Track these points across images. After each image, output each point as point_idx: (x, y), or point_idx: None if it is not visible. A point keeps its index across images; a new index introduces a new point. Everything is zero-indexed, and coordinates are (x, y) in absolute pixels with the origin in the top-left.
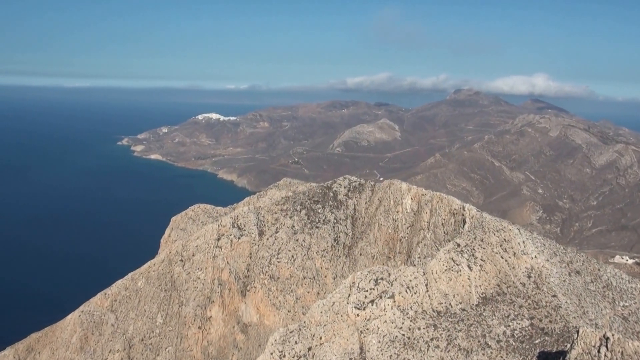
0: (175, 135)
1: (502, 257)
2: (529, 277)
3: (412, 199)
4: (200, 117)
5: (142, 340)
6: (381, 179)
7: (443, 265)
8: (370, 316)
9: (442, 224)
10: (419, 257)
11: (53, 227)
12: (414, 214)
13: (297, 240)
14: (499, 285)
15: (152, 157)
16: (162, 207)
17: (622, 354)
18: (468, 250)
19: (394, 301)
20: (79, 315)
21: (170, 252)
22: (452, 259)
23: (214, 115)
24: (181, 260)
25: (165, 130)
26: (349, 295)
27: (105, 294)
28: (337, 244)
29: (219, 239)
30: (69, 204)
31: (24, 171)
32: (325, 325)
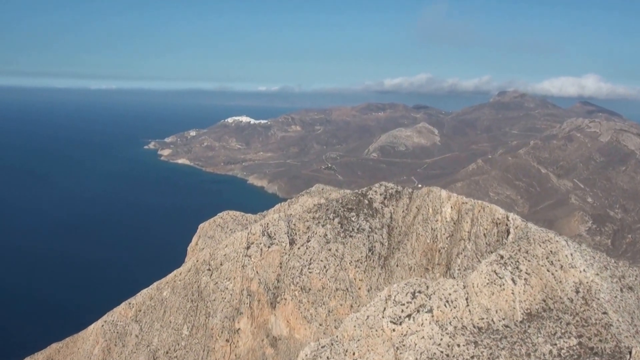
0: (203, 139)
1: (548, 271)
2: (577, 292)
3: (452, 207)
4: (229, 120)
5: (167, 352)
6: (419, 186)
7: (485, 278)
8: (406, 331)
9: (484, 234)
10: (459, 269)
11: (76, 234)
12: (454, 223)
13: (330, 249)
14: (544, 301)
15: (180, 161)
16: (189, 213)
17: None
18: (512, 262)
19: (432, 316)
20: (102, 326)
21: (197, 261)
22: (494, 271)
23: (244, 118)
24: (209, 270)
25: (193, 133)
26: (385, 308)
27: (130, 303)
28: (372, 254)
29: (248, 248)
30: (93, 209)
31: (47, 176)
32: (358, 340)
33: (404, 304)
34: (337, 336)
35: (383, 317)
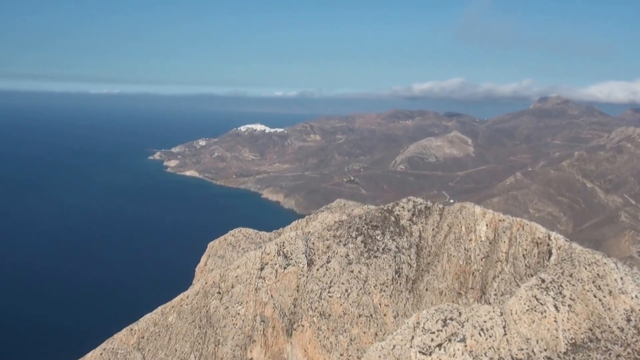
0: (214, 149)
1: (595, 296)
2: (629, 320)
3: (487, 225)
4: (242, 128)
5: None
6: (451, 201)
7: (524, 304)
8: None
9: (524, 255)
10: (496, 294)
11: (73, 252)
12: (490, 243)
13: (352, 271)
14: (591, 330)
15: (188, 173)
16: (197, 231)
17: None
18: (554, 287)
19: (466, 345)
20: (101, 354)
21: (206, 283)
22: (535, 297)
23: (259, 127)
24: (218, 293)
25: (202, 143)
26: (413, 337)
27: (132, 329)
28: (398, 276)
29: (262, 269)
30: (93, 226)
31: (43, 189)
32: None
33: (434, 332)
34: None
35: (411, 347)
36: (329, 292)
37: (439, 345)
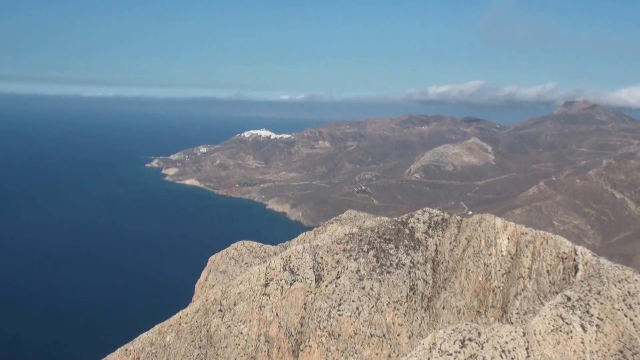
0: (215, 156)
1: (626, 316)
2: None
3: (509, 238)
4: (246, 134)
5: None
6: (470, 213)
7: (549, 324)
8: None
9: (548, 271)
10: (518, 313)
11: (64, 269)
12: (512, 258)
13: (364, 288)
14: (621, 352)
15: (188, 182)
16: (198, 244)
17: None
18: (581, 305)
19: None
20: None
21: (206, 300)
22: (560, 316)
23: (264, 132)
24: (220, 311)
25: (203, 149)
26: (429, 359)
27: (126, 350)
28: (413, 294)
29: (266, 285)
30: (84, 240)
31: (30, 200)
32: None
33: (451, 354)
34: None
35: None
36: (338, 310)
37: None
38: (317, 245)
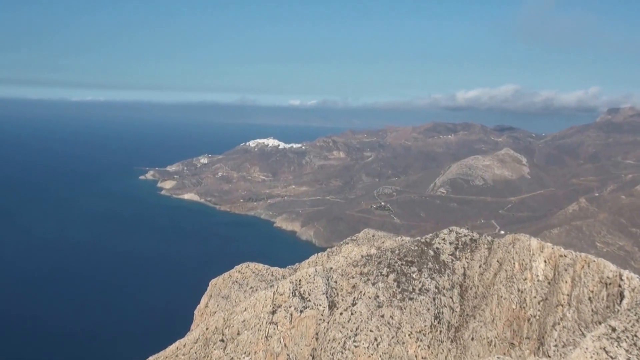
0: (217, 168)
1: None
2: None
3: (546, 261)
4: (252, 143)
5: None
6: (502, 232)
7: (591, 357)
8: None
9: (590, 298)
10: (556, 345)
11: (48, 294)
12: (549, 283)
13: (383, 316)
14: None
15: (186, 197)
16: (197, 266)
17: None
18: (628, 337)
19: None
20: None
21: (207, 329)
22: (604, 349)
23: (271, 141)
24: (222, 341)
25: (204, 160)
26: None
27: None
28: (439, 323)
29: (274, 313)
30: (71, 261)
31: (10, 216)
32: None
33: None
34: None
35: None
36: (354, 341)
37: None
38: (331, 268)
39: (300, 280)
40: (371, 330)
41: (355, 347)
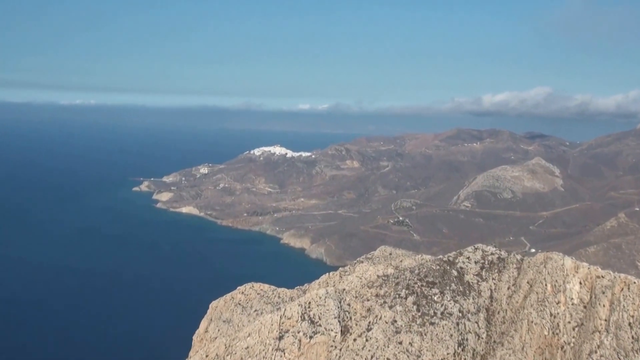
0: (219, 179)
1: None
2: None
3: (581, 283)
4: (257, 151)
5: None
6: (532, 250)
7: None
8: None
9: (630, 324)
10: None
11: (31, 323)
12: (585, 307)
13: (401, 343)
14: None
15: (184, 210)
16: (196, 287)
17: None
18: None
19: None
20: None
21: (206, 356)
22: None
23: (278, 150)
24: None
25: (204, 170)
26: None
27: None
28: (462, 350)
29: (280, 338)
30: (56, 286)
31: None
32: None
33: None
34: None
35: None
36: None
37: None
38: (344, 290)
39: (309, 302)
40: (388, 359)
41: None
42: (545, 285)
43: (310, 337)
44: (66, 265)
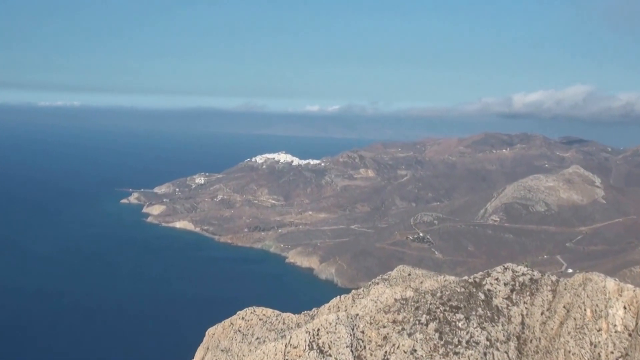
0: (217, 190)
1: None
2: None
3: (625, 308)
4: (259, 159)
5: None
6: (570, 270)
7: None
8: None
9: None
10: None
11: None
12: (630, 335)
13: None
14: None
15: (178, 225)
16: (191, 311)
17: None
18: None
19: None
20: None
21: None
22: None
23: (283, 157)
24: None
25: (200, 180)
26: None
27: None
28: None
29: None
30: (30, 312)
31: None
32: None
33: None
34: None
35: None
36: None
37: None
38: (357, 315)
39: (318, 329)
40: None
41: None
42: (584, 310)
43: None
44: (42, 291)
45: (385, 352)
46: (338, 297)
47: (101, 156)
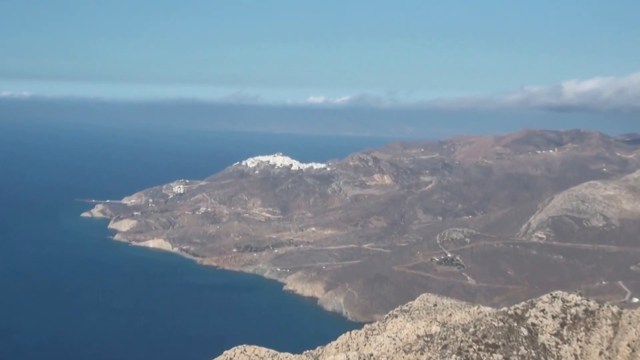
0: (199, 201)
1: None
2: None
3: None
4: (250, 162)
5: None
6: (635, 300)
7: None
8: None
9: None
10: None
11: None
12: None
13: None
14: None
15: (152, 244)
16: (169, 351)
17: None
18: None
19: None
20: None
21: None
22: None
23: (280, 159)
24: None
25: (179, 189)
26: None
27: None
28: None
29: None
30: None
31: None
32: None
33: None
34: None
35: None
36: None
37: None
38: (371, 355)
39: None
40: None
41: None
42: None
43: None
44: None
45: None
46: (348, 333)
47: (57, 158)
